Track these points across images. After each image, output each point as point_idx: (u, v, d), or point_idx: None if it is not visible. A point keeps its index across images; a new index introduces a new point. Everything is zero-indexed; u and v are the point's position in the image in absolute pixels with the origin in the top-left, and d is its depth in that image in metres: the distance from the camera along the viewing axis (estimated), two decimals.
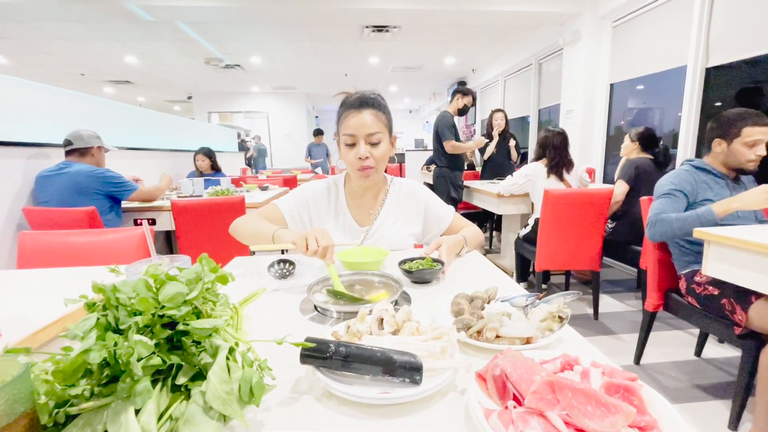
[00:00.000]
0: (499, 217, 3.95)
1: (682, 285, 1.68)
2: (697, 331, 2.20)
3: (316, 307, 0.78)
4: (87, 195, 2.23)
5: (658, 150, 2.64)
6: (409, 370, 0.48)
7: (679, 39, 3.08)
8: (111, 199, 2.35)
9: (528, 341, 0.58)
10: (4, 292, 0.89)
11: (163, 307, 0.42)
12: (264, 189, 3.69)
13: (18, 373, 0.31)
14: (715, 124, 1.64)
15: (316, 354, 0.50)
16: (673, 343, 2.19)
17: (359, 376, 0.51)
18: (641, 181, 2.52)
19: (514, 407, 0.41)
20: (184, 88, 8.77)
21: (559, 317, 0.61)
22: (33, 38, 4.97)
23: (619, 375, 0.45)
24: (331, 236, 0.91)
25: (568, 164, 2.64)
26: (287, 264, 0.97)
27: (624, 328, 2.39)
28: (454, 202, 3.48)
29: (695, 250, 1.63)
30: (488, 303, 0.71)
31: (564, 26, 4.24)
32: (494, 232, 4.57)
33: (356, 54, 6.16)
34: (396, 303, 0.79)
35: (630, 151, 2.70)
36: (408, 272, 0.90)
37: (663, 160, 2.65)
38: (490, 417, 0.40)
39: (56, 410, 0.40)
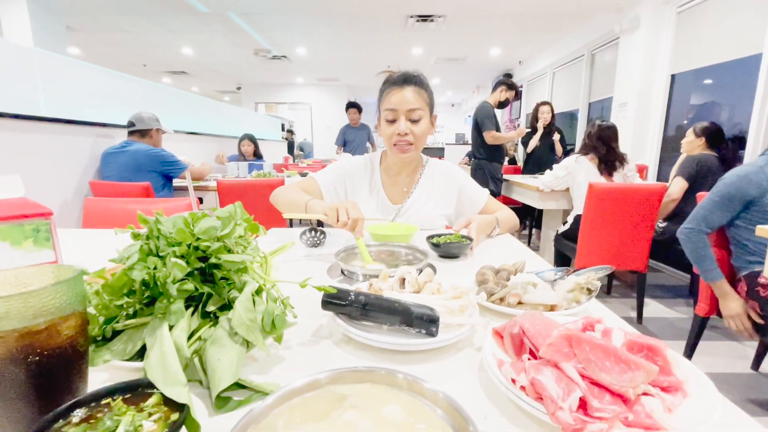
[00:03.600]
0: (540, 214, 3.80)
1: (742, 288, 1.54)
2: (755, 343, 2.01)
3: (343, 272, 0.81)
4: (144, 172, 2.41)
5: (724, 148, 2.42)
6: (426, 322, 0.49)
7: (754, 25, 2.78)
8: (164, 177, 2.53)
9: (552, 309, 0.56)
10: (72, 247, 1.00)
11: (198, 239, 0.45)
12: (304, 176, 3.82)
13: (72, 275, 0.35)
14: None
15: (337, 301, 0.51)
16: (727, 354, 2.02)
17: (377, 325, 0.52)
18: (702, 180, 2.32)
19: (528, 359, 0.41)
20: (234, 78, 9.19)
21: (588, 289, 0.59)
22: (101, 31, 5.40)
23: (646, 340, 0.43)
24: (361, 210, 0.91)
25: (620, 160, 2.49)
26: (318, 233, 1.00)
27: (671, 335, 2.23)
28: (493, 195, 3.39)
29: (761, 249, 1.48)
30: (514, 275, 0.69)
31: (622, 13, 3.97)
32: (534, 230, 4.41)
33: (399, 45, 6.14)
34: (420, 273, 0.79)
35: (693, 147, 2.49)
36: (435, 246, 0.90)
37: (731, 159, 2.42)
38: (502, 366, 0.40)
39: (105, 326, 0.45)
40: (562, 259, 2.84)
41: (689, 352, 1.80)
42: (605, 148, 2.48)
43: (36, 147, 2.19)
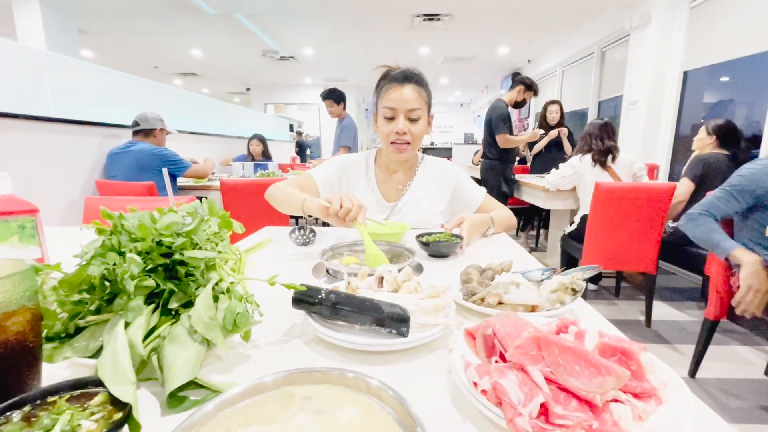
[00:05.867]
0: (548, 214, 3.74)
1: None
2: (767, 348, 1.94)
3: (328, 271, 0.79)
4: (148, 171, 2.44)
5: (738, 147, 2.33)
6: (396, 321, 0.47)
7: None
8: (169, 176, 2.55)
9: (533, 310, 0.54)
10: (69, 244, 1.01)
11: (161, 234, 0.44)
12: None
13: (22, 269, 0.34)
14: None
15: (307, 299, 0.50)
16: (740, 359, 1.95)
17: (349, 325, 0.51)
18: (711, 180, 2.24)
19: (496, 362, 0.39)
20: (243, 79, 9.28)
21: (572, 289, 0.56)
22: (113, 33, 5.51)
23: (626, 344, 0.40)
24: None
25: (607, 151, 2.47)
26: (308, 231, 0.99)
27: (681, 338, 2.16)
28: (505, 196, 3.26)
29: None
30: (500, 274, 0.67)
31: (633, 8, 3.89)
32: (542, 230, 4.34)
33: (406, 44, 6.12)
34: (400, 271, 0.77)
35: (704, 145, 2.41)
36: (425, 245, 0.88)
37: (743, 159, 2.34)
38: (467, 368, 0.38)
39: (69, 322, 0.44)
40: (569, 260, 2.78)
41: (698, 357, 1.74)
42: (599, 144, 2.48)
43: (43, 147, 2.23)
